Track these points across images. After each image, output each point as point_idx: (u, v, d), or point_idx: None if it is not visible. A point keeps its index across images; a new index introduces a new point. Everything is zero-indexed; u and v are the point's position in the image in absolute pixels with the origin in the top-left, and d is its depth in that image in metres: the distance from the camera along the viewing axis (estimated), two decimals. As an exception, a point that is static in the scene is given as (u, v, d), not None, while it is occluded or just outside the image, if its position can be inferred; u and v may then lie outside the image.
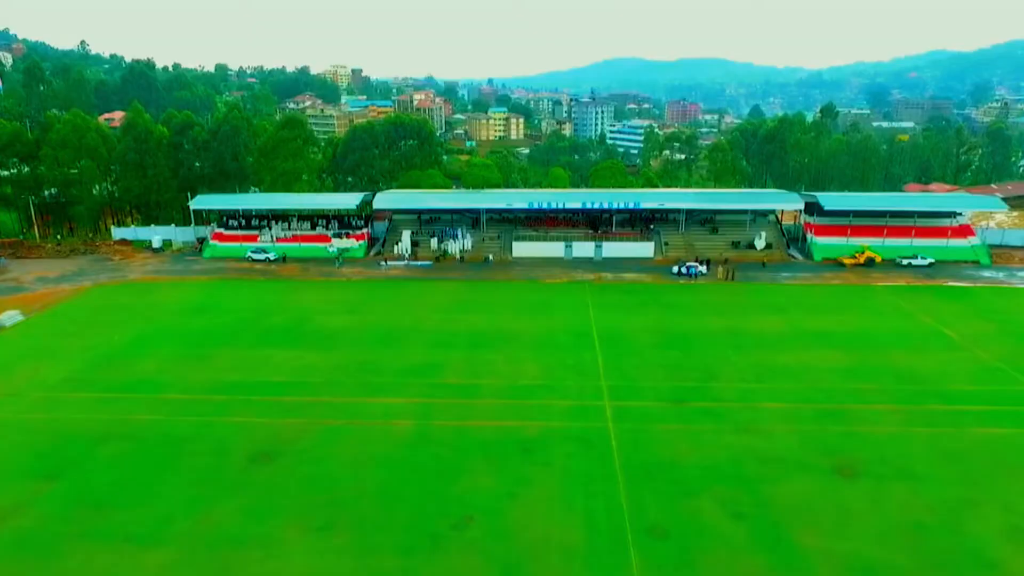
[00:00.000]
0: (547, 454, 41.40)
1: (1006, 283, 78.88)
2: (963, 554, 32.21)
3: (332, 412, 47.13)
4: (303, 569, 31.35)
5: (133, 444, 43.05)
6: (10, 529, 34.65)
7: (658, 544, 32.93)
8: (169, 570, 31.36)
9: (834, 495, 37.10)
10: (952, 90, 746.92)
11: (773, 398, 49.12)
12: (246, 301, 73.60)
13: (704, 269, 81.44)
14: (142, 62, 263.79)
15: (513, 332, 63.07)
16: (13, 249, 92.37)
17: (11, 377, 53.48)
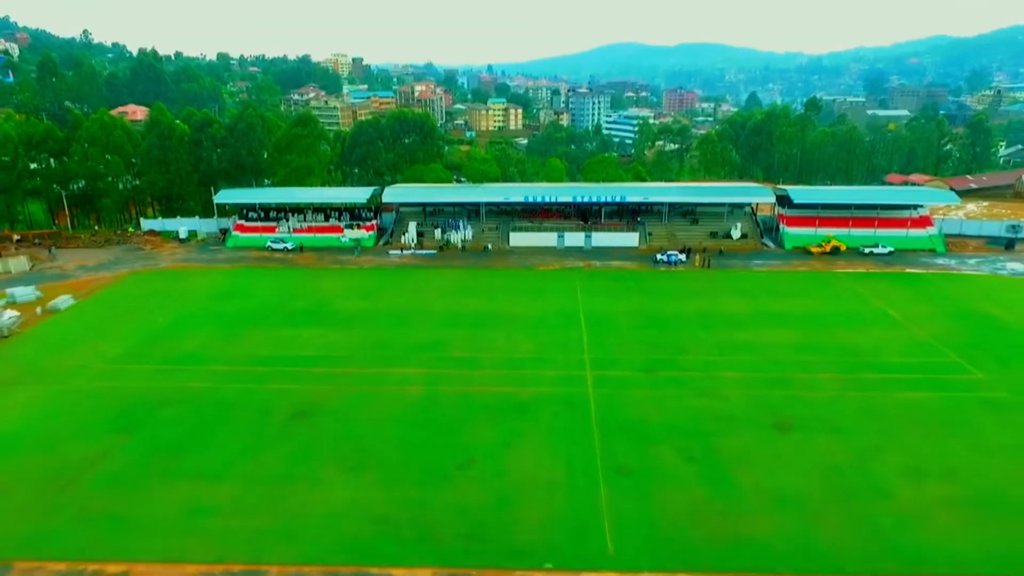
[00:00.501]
0: (536, 413, 49.74)
1: (955, 270, 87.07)
2: (865, 487, 40.59)
3: (355, 381, 55.45)
4: (343, 498, 39.76)
5: (189, 407, 51.39)
6: (102, 470, 43.05)
7: (623, 480, 41.35)
8: (237, 499, 39.78)
9: (770, 445, 45.50)
10: (951, 76, 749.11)
11: (731, 368, 57.43)
12: (270, 287, 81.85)
13: (683, 257, 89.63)
14: (148, 54, 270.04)
15: (510, 314, 71.35)
16: (52, 240, 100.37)
17: (75, 353, 61.79)
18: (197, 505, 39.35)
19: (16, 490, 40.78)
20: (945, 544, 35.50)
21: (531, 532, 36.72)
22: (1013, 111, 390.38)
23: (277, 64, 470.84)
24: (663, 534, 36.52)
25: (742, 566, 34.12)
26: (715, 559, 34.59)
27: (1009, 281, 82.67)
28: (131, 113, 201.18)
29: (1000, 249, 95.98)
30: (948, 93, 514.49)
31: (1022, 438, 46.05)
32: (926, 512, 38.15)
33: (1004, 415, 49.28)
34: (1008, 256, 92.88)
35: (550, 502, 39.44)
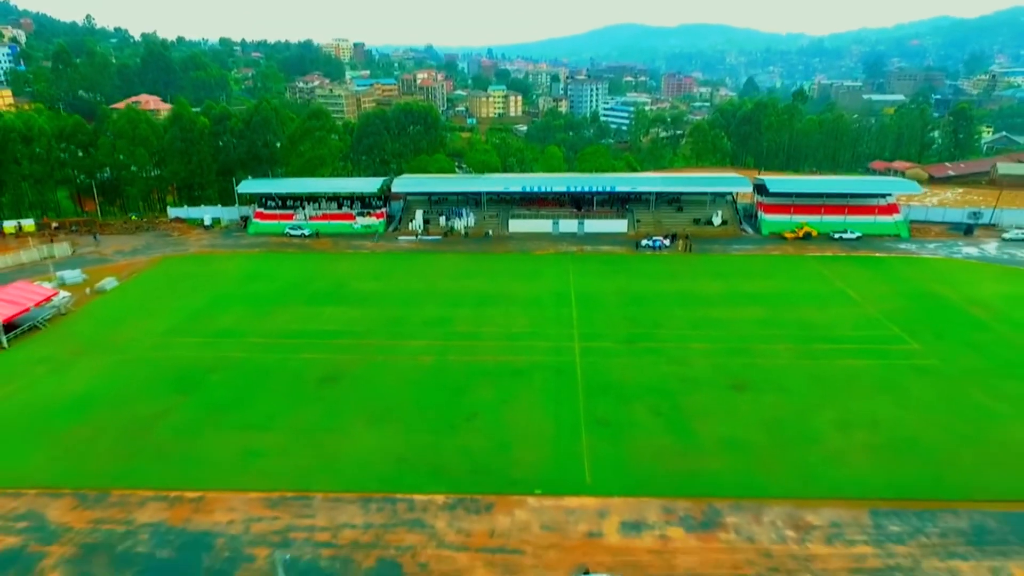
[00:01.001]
0: (530, 378, 58.34)
1: (915, 254, 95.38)
2: (801, 435, 49.20)
3: (374, 351, 64.03)
4: (370, 443, 48.45)
5: (233, 372, 60.02)
6: (167, 423, 51.73)
7: (601, 429, 50.01)
8: (283, 445, 48.45)
9: (726, 402, 54.11)
10: (952, 58, 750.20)
11: (700, 341, 65.98)
12: (291, 270, 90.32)
13: (667, 242, 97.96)
14: (156, 43, 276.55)
15: (508, 294, 79.84)
16: (88, 227, 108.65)
17: (126, 328, 70.38)
18: (250, 449, 48.08)
19: (103, 437, 49.54)
20: (858, 477, 44.14)
21: (524, 468, 45.42)
22: (1005, 96, 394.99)
23: (279, 50, 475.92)
24: (631, 469, 45.22)
25: (693, 493, 42.79)
26: (671, 487, 43.27)
27: (961, 264, 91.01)
28: (144, 103, 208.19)
29: (960, 235, 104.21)
30: (945, 77, 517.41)
31: (940, 397, 54.66)
32: (848, 454, 46.79)
33: (929, 378, 57.89)
34: (966, 241, 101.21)
35: (540, 446, 48.13)
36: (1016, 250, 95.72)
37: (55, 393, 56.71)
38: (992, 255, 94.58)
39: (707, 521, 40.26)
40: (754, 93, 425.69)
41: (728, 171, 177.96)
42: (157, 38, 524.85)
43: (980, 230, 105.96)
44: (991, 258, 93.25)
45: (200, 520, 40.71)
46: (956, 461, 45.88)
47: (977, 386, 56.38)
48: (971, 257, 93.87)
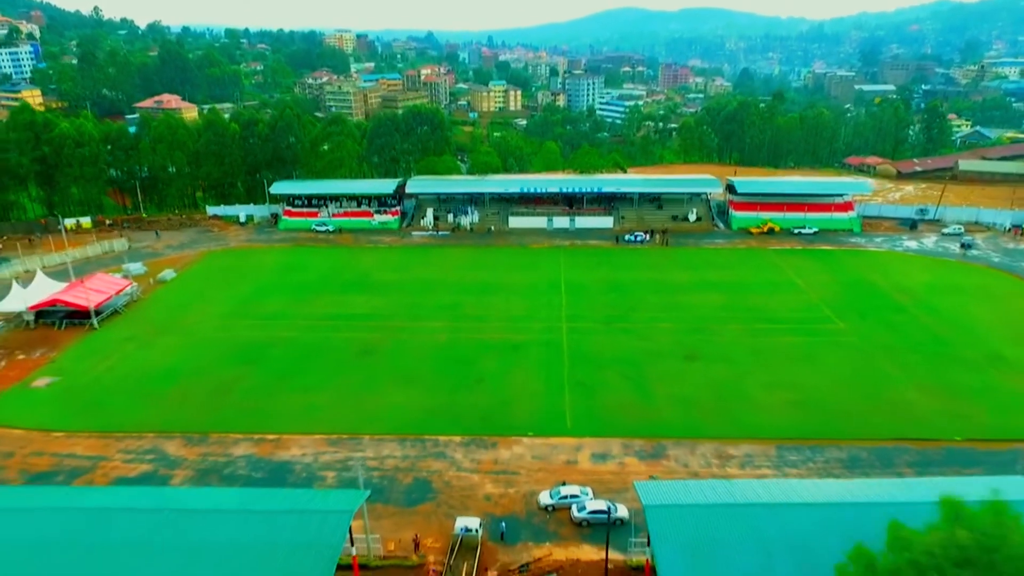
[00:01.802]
0: (527, 351, 72.67)
1: (862, 247, 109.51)
2: (735, 394, 63.51)
3: (398, 331, 78.33)
4: (402, 400, 62.80)
5: (286, 348, 74.38)
6: (242, 386, 66.12)
7: (580, 389, 64.41)
8: (333, 402, 62.84)
9: (680, 369, 68.49)
10: (950, 44, 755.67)
11: (666, 321, 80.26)
12: (321, 263, 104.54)
13: (647, 237, 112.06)
14: (169, 40, 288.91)
15: (508, 282, 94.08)
16: (138, 224, 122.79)
17: (190, 313, 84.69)
18: (310, 404, 62.58)
19: (194, 397, 64.03)
20: (772, 424, 58.53)
21: (521, 417, 59.90)
22: (991, 87, 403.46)
23: (284, 41, 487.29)
24: (601, 418, 59.68)
25: (646, 434, 57.21)
26: (630, 430, 57.68)
27: (900, 256, 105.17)
28: (167, 102, 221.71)
29: (906, 229, 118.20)
30: (938, 66, 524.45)
31: (851, 366, 69.01)
32: (768, 407, 61.21)
33: (846, 351, 72.28)
34: (909, 235, 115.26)
35: (533, 402, 62.60)
36: (950, 244, 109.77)
37: (147, 364, 71.20)
38: (929, 248, 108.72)
39: (655, 453, 54.82)
40: (749, 84, 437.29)
41: (713, 167, 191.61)
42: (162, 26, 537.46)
43: (924, 225, 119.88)
44: (927, 251, 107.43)
45: (281, 454, 55.27)
46: (850, 413, 60.33)
47: (883, 358, 70.84)
48: (910, 250, 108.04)
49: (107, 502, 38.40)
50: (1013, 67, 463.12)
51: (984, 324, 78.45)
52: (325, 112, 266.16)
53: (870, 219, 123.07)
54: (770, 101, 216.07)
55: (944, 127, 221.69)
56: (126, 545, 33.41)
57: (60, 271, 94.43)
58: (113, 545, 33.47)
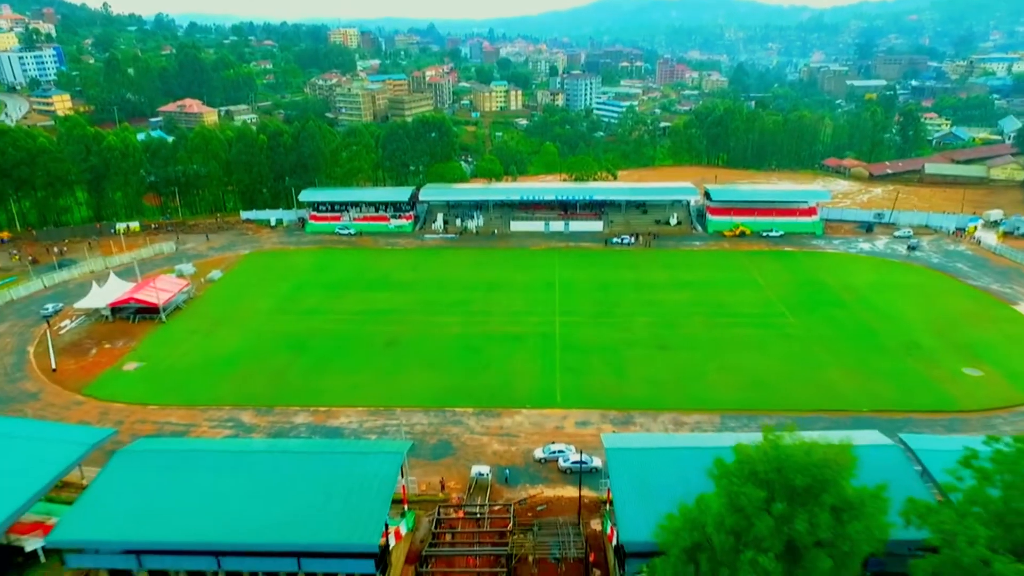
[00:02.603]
0: (526, 341, 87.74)
1: (821, 249, 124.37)
2: (695, 376, 78.60)
3: (417, 324, 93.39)
4: (425, 381, 77.93)
5: (325, 338, 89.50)
6: (293, 370, 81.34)
7: (569, 372, 79.59)
8: (369, 382, 78.00)
9: (651, 356, 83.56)
10: (947, 35, 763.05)
11: (644, 316, 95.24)
12: (347, 264, 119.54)
13: (632, 239, 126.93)
14: (186, 44, 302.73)
15: (510, 281, 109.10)
16: (180, 227, 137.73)
17: (239, 308, 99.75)
18: (350, 384, 77.74)
19: (255, 378, 79.18)
20: (721, 398, 73.60)
21: (521, 394, 75.04)
22: (978, 84, 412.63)
23: (289, 37, 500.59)
24: (584, 394, 74.82)
25: (620, 407, 72.35)
26: (608, 403, 72.79)
27: (852, 257, 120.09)
28: (188, 107, 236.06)
29: (863, 232, 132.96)
30: (932, 59, 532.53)
31: (792, 353, 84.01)
32: (718, 386, 76.30)
33: (790, 341, 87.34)
34: (865, 238, 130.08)
35: (530, 382, 77.73)
36: (899, 246, 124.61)
37: (212, 351, 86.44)
38: (879, 250, 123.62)
39: (625, 420, 70.03)
40: (743, 80, 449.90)
41: (701, 168, 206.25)
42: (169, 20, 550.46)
43: (879, 228, 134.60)
44: (877, 252, 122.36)
45: (332, 421, 70.52)
46: (784, 390, 75.46)
47: (820, 346, 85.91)
48: (862, 252, 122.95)
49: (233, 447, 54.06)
50: (1001, 63, 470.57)
51: (909, 317, 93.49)
52: (336, 113, 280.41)
53: (832, 222, 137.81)
54: (753, 108, 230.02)
55: (919, 129, 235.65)
56: (254, 470, 48.78)
57: (117, 272, 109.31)
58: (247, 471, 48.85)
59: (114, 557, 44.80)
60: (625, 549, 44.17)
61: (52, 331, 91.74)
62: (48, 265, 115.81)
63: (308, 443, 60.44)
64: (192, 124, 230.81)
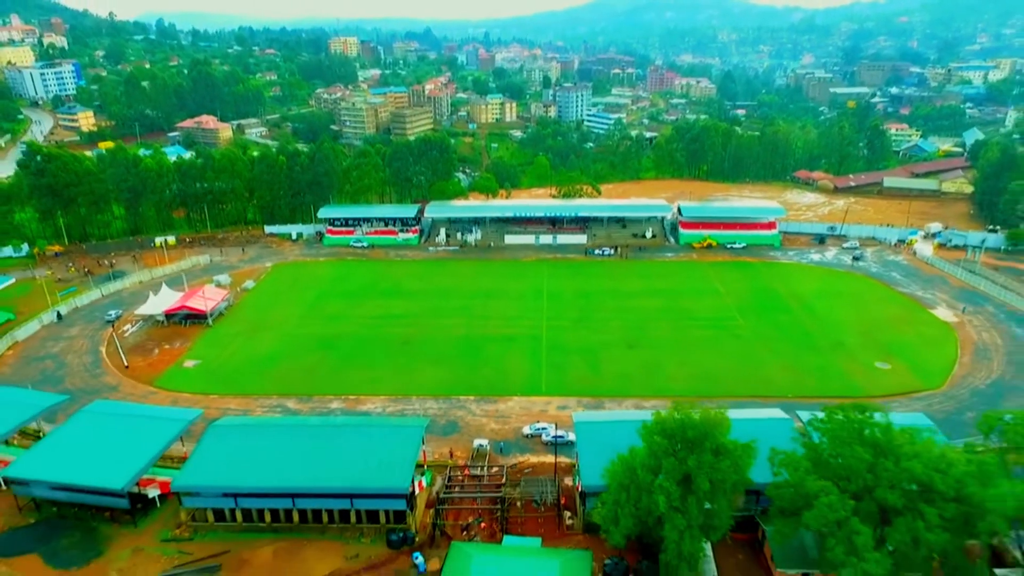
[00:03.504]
0: (518, 343, 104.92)
1: (777, 259, 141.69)
2: (656, 370, 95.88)
3: (426, 327, 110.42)
4: (435, 375, 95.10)
5: (349, 340, 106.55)
6: (324, 366, 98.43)
7: (553, 368, 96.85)
8: (389, 376, 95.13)
9: (622, 354, 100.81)
10: (936, 37, 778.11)
11: (618, 320, 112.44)
12: (362, 274, 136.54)
13: (612, 251, 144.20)
14: (201, 62, 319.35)
15: (505, 290, 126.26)
16: (211, 241, 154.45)
17: (274, 314, 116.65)
18: (373, 377, 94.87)
19: (293, 374, 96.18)
20: (677, 387, 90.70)
21: (514, 385, 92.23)
22: (953, 92, 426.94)
23: (291, 46, 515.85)
24: (565, 385, 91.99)
25: (593, 395, 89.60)
26: (584, 392, 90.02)
27: (803, 267, 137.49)
28: (204, 122, 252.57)
29: (816, 244, 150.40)
30: (915, 64, 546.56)
31: (739, 351, 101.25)
32: (677, 378, 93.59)
33: (739, 341, 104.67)
34: (817, 249, 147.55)
35: (522, 376, 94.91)
36: (845, 256, 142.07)
37: (255, 351, 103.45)
38: (828, 260, 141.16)
39: (596, 405, 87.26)
40: (731, 87, 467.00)
41: (681, 181, 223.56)
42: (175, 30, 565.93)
43: (831, 240, 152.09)
44: (825, 263, 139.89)
45: (360, 407, 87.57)
46: (729, 380, 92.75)
47: (763, 345, 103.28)
48: (813, 262, 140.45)
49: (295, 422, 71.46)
50: (977, 71, 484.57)
51: (842, 321, 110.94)
52: (340, 126, 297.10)
53: (790, 234, 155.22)
54: (729, 125, 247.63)
55: (885, 143, 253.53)
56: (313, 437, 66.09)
57: (164, 282, 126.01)
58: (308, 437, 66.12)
59: (217, 499, 61.88)
60: (585, 492, 61.49)
61: (118, 334, 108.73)
62: (102, 276, 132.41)
63: (351, 418, 77.99)
64: (209, 139, 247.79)
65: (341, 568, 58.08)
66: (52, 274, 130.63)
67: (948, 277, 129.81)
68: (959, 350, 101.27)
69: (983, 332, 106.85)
